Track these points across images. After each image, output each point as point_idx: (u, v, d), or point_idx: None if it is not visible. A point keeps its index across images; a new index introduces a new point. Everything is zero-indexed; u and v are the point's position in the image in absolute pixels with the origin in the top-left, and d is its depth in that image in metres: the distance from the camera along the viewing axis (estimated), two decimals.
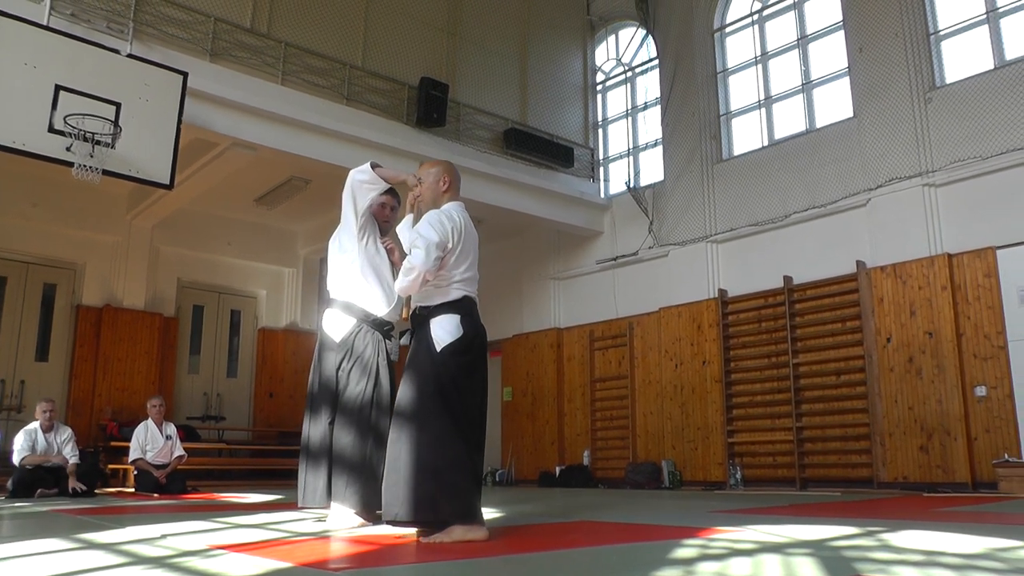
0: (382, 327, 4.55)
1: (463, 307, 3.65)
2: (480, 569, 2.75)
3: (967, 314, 8.18)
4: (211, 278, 12.97)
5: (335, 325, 4.52)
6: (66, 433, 8.36)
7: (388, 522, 3.44)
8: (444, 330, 3.57)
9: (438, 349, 3.53)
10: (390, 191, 4.62)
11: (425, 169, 3.91)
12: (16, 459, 7.99)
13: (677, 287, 10.82)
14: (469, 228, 3.73)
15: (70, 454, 8.21)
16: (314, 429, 4.41)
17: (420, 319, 3.65)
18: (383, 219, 4.63)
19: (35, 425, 8.21)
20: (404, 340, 3.77)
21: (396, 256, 4.37)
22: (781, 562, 2.72)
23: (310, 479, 4.35)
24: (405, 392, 3.56)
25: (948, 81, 8.77)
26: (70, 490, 7.95)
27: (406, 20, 10.34)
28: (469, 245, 3.71)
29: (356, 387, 4.36)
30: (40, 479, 7.97)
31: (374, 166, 4.45)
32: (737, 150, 10.77)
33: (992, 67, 8.45)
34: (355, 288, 4.51)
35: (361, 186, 4.44)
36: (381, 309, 4.52)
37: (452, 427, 3.44)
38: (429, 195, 3.85)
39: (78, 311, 11.35)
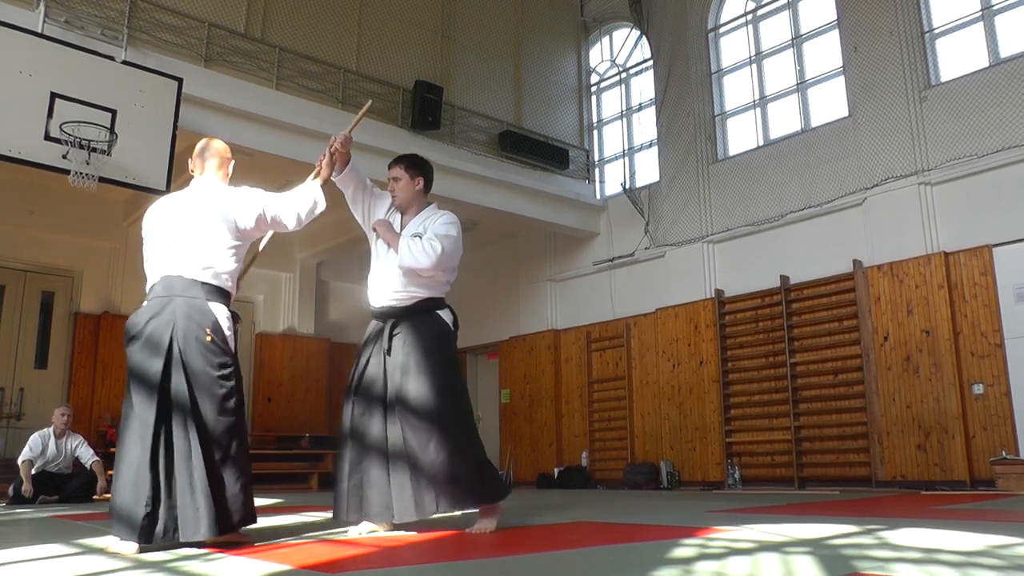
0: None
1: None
2: (479, 570, 2.75)
3: (964, 312, 8.19)
4: None
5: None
6: (77, 439, 8.52)
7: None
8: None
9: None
10: (389, 165, 4.53)
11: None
12: (21, 458, 8.08)
13: (674, 288, 10.83)
14: None
15: (90, 456, 8.42)
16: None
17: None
18: (391, 190, 4.52)
19: (49, 430, 8.33)
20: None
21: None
22: (780, 560, 2.72)
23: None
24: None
25: (943, 79, 8.79)
26: (98, 490, 8.14)
27: (400, 23, 10.34)
28: None
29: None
30: (41, 485, 8.01)
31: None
32: (732, 150, 10.78)
33: (987, 64, 8.47)
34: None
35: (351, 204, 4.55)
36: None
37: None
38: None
39: (76, 318, 11.33)
